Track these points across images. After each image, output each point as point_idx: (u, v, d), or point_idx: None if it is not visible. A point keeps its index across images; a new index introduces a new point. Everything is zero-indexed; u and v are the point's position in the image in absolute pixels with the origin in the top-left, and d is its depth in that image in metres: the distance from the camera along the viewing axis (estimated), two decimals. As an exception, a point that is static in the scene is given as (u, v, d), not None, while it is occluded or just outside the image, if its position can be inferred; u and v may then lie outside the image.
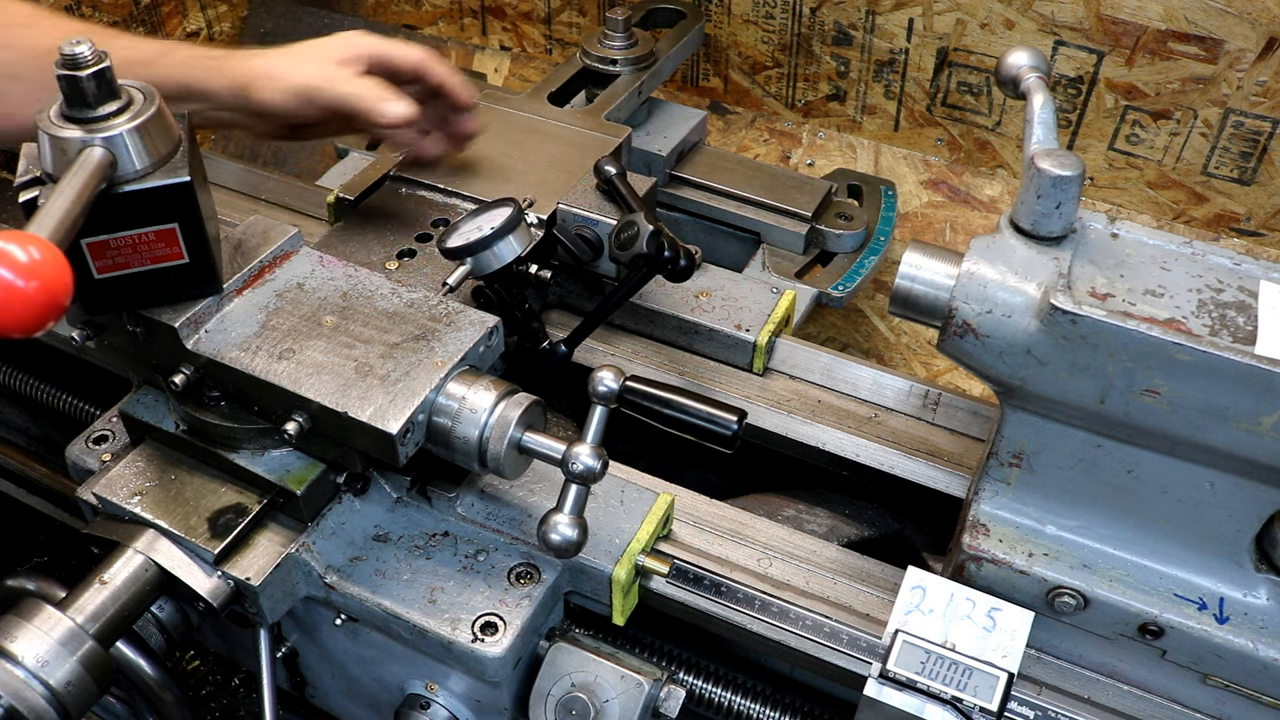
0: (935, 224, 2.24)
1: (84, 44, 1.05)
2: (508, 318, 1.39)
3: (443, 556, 1.28)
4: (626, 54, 1.96)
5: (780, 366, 1.61)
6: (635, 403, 1.19)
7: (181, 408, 1.26)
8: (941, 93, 2.17)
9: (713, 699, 1.36)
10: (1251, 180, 2.01)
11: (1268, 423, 0.98)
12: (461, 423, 1.17)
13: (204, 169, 1.18)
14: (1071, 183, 1.04)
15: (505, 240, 1.37)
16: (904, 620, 1.17)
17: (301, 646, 1.43)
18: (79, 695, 1.13)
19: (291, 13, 2.71)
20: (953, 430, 1.52)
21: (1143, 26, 1.92)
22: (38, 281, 0.82)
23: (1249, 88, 1.90)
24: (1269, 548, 1.13)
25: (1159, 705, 1.22)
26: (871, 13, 2.13)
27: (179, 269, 1.16)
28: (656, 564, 1.29)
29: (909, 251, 1.12)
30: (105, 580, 1.19)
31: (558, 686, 1.27)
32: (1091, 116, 2.07)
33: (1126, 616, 1.16)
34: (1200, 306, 1.04)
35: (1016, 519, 1.20)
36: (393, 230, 1.57)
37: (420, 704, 1.34)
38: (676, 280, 1.44)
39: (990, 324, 1.05)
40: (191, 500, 1.26)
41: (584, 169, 1.63)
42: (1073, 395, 1.06)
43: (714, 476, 1.69)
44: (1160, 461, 1.09)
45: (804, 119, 2.35)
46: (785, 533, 1.39)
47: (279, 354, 1.20)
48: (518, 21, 2.52)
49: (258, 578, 1.21)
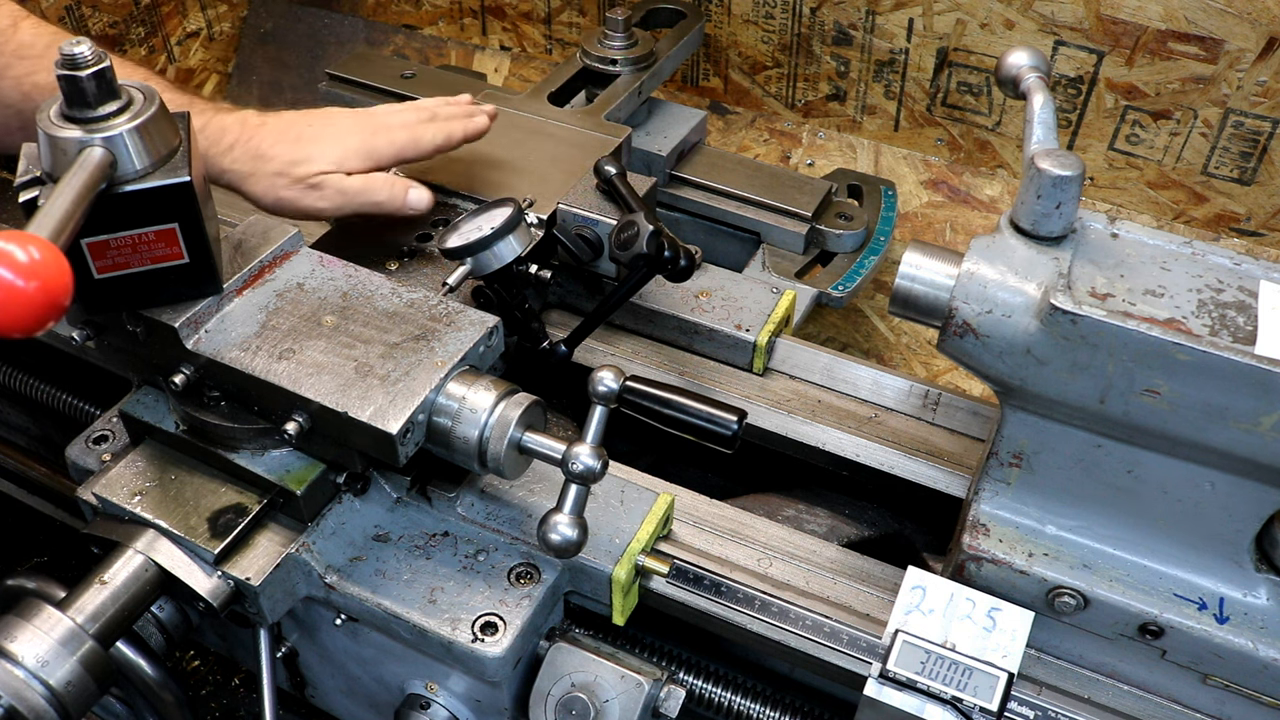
0: (935, 224, 2.24)
1: (84, 44, 1.05)
2: (508, 318, 1.39)
3: (443, 556, 1.28)
4: (626, 54, 1.96)
5: (780, 366, 1.61)
6: (635, 403, 1.19)
7: (181, 408, 1.26)
8: (941, 93, 2.17)
9: (713, 699, 1.36)
10: (1251, 180, 2.01)
11: (1268, 423, 0.98)
12: (461, 423, 1.17)
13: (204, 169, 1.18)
14: (1071, 183, 1.04)
15: (505, 240, 1.37)
16: (904, 620, 1.17)
17: (301, 646, 1.43)
18: (79, 695, 1.13)
19: (291, 13, 2.71)
20: (953, 430, 1.52)
21: (1143, 26, 1.92)
22: (38, 281, 0.82)
23: (1249, 88, 1.90)
24: (1269, 548, 1.13)
25: (1159, 705, 1.22)
26: (871, 13, 2.13)
27: (179, 269, 1.16)
28: (656, 564, 1.29)
29: (909, 251, 1.12)
30: (105, 580, 1.19)
31: (558, 686, 1.27)
32: (1091, 116, 2.07)
33: (1126, 616, 1.16)
34: (1200, 306, 1.04)
35: (1016, 519, 1.20)
36: (393, 230, 1.57)
37: (420, 704, 1.34)
38: (676, 280, 1.44)
39: (990, 324, 1.05)
40: (191, 500, 1.26)
41: (584, 169, 1.63)
42: (1073, 395, 1.06)
43: (714, 476, 1.69)
44: (1160, 461, 1.09)
45: (804, 119, 2.35)
46: (785, 533, 1.39)
47: (279, 354, 1.20)
48: (518, 21, 2.52)
49: (258, 578, 1.21)
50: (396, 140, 1.48)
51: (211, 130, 1.39)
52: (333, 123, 1.47)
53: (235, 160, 1.40)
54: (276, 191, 1.41)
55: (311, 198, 1.42)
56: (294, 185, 1.41)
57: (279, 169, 1.40)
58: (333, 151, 1.43)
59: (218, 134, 1.39)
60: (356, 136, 1.45)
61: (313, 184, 1.41)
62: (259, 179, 1.40)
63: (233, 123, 1.41)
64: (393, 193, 1.46)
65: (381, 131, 1.48)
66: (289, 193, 1.41)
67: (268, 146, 1.40)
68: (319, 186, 1.41)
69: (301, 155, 1.41)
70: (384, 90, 2.04)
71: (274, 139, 1.41)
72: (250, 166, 1.40)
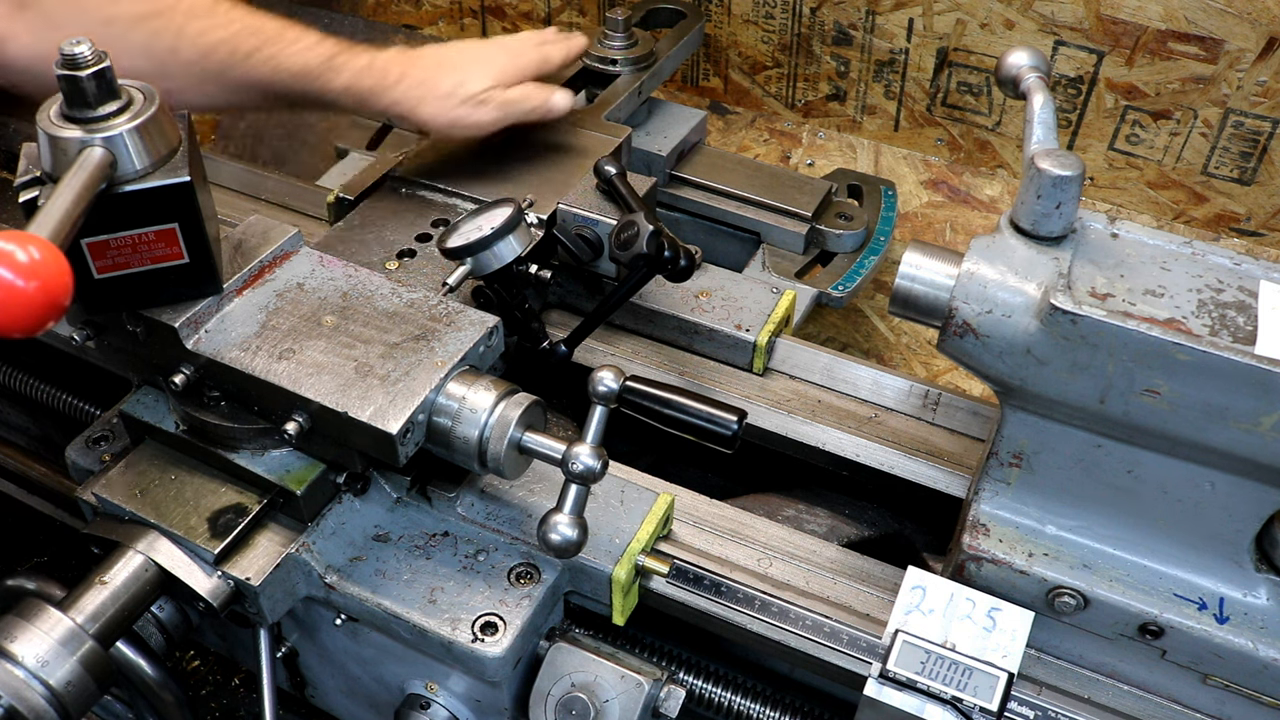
0: (935, 224, 2.24)
1: (84, 44, 1.05)
2: (508, 318, 1.39)
3: (443, 556, 1.28)
4: (626, 54, 1.95)
5: (780, 366, 1.61)
6: (635, 403, 1.19)
7: (181, 408, 1.26)
8: (941, 93, 2.17)
9: (713, 699, 1.36)
10: (1251, 180, 2.01)
11: (1268, 423, 0.98)
12: (461, 423, 1.17)
13: (204, 169, 1.18)
14: (1071, 183, 1.04)
15: (505, 240, 1.37)
16: (904, 620, 1.17)
17: (301, 646, 1.43)
18: (79, 695, 1.13)
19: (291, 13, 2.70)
20: (953, 430, 1.52)
21: (1143, 26, 1.92)
22: (38, 281, 0.82)
23: (1249, 88, 1.90)
24: (1269, 548, 1.13)
25: (1159, 705, 1.22)
26: (871, 13, 2.13)
27: (179, 269, 1.16)
28: (656, 564, 1.29)
29: (909, 251, 1.12)
30: (105, 580, 1.19)
31: (558, 686, 1.27)
32: (1091, 116, 2.07)
33: (1126, 616, 1.16)
34: (1200, 306, 1.04)
35: (1016, 519, 1.20)
36: (393, 230, 1.57)
37: (420, 704, 1.34)
38: (676, 280, 1.44)
39: (990, 324, 1.05)
40: (191, 500, 1.26)
41: (584, 169, 1.63)
42: (1073, 395, 1.06)
43: (714, 476, 1.69)
44: (1160, 461, 1.09)
45: (804, 119, 2.35)
46: (785, 533, 1.39)
47: (279, 354, 1.20)
48: (518, 21, 2.52)
49: (258, 578, 1.21)
50: (533, 58, 1.66)
51: (378, 67, 1.54)
52: (479, 48, 1.66)
53: (405, 90, 1.54)
54: (449, 111, 1.56)
55: (481, 112, 1.57)
56: (463, 104, 1.56)
57: (447, 91, 1.55)
58: (489, 71, 1.59)
59: (383, 70, 1.54)
60: (503, 56, 1.63)
61: (480, 100, 1.56)
62: (430, 102, 1.55)
63: (394, 58, 1.56)
64: (542, 98, 1.64)
65: (519, 52, 1.65)
66: (461, 110, 1.56)
67: (431, 74, 1.56)
68: (486, 102, 1.57)
69: (463, 77, 1.57)
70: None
71: (435, 67, 1.57)
72: (420, 93, 1.54)
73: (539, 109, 1.63)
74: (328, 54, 1.51)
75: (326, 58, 1.50)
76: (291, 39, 1.50)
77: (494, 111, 1.58)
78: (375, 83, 1.53)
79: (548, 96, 1.64)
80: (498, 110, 1.58)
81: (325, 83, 1.50)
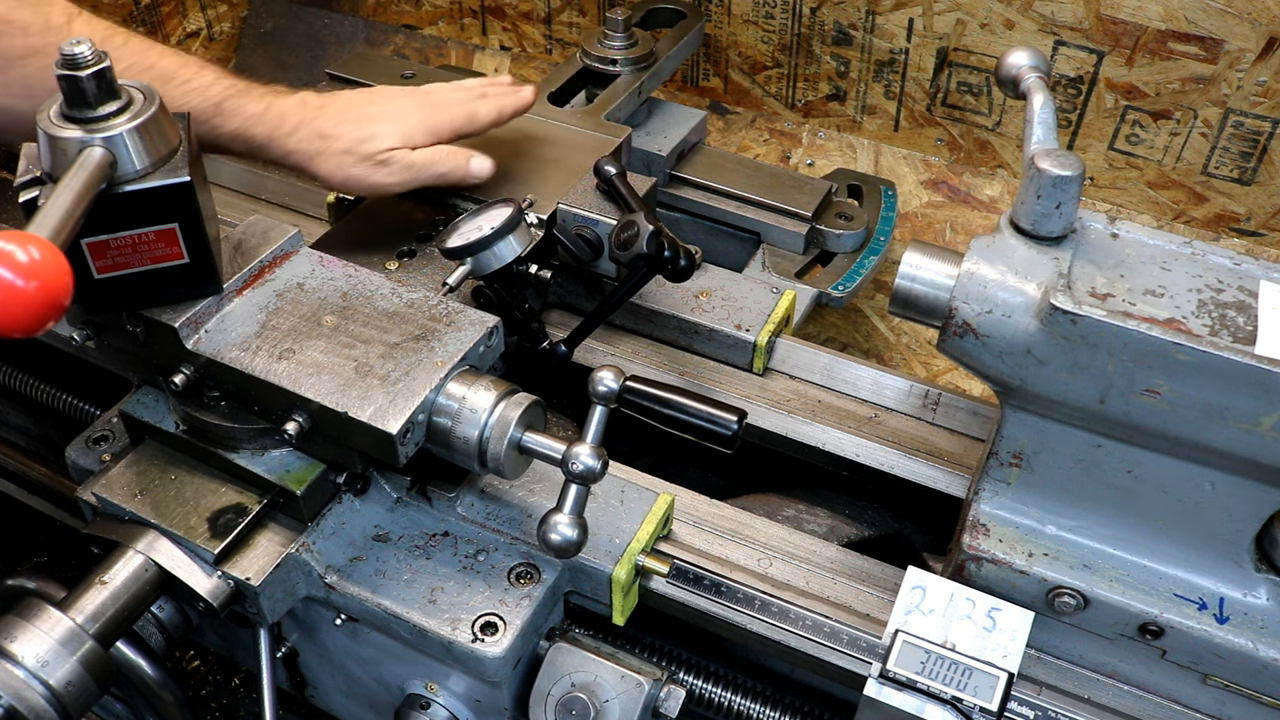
0: (935, 224, 2.24)
1: (84, 44, 1.05)
2: (508, 318, 1.39)
3: (443, 556, 1.28)
4: (626, 54, 1.96)
5: (780, 366, 1.61)
6: (635, 403, 1.19)
7: (181, 408, 1.26)
8: (941, 93, 2.17)
9: (713, 699, 1.36)
10: (1251, 180, 2.01)
11: (1268, 423, 0.98)
12: (461, 423, 1.17)
13: (204, 169, 1.18)
14: (1071, 183, 1.04)
15: (505, 240, 1.37)
16: (904, 620, 1.17)
17: (301, 646, 1.43)
18: (79, 695, 1.13)
19: (291, 13, 2.71)
20: (953, 430, 1.52)
21: (1143, 26, 1.92)
22: (38, 281, 0.82)
23: (1249, 88, 1.90)
24: (1269, 548, 1.13)
25: (1159, 705, 1.22)
26: (871, 13, 2.13)
27: (179, 269, 1.16)
28: (656, 564, 1.29)
29: (909, 251, 1.12)
30: (105, 580, 1.19)
31: (558, 686, 1.27)
32: (1091, 116, 2.07)
33: (1126, 616, 1.16)
34: (1200, 306, 1.04)
35: (1016, 519, 1.20)
36: (393, 230, 1.57)
37: (420, 704, 1.34)
38: (676, 280, 1.44)
39: (990, 324, 1.05)
40: (191, 500, 1.26)
41: (584, 169, 1.63)
42: (1073, 395, 1.06)
43: (714, 476, 1.69)
44: (1160, 461, 1.09)
45: (804, 119, 2.35)
46: (785, 533, 1.39)
47: (279, 354, 1.20)
48: (518, 21, 2.52)
49: (258, 578, 1.21)
50: (456, 116, 1.53)
51: (273, 114, 1.43)
52: (394, 101, 1.52)
53: (301, 141, 1.44)
54: (345, 169, 1.45)
55: (380, 173, 1.46)
56: (362, 162, 1.45)
57: (346, 147, 1.44)
58: (397, 128, 1.47)
59: (279, 118, 1.43)
60: (418, 113, 1.50)
61: (380, 160, 1.45)
62: (326, 158, 1.44)
63: (293, 105, 1.45)
64: (456, 163, 1.52)
65: (441, 108, 1.52)
66: (357, 169, 1.45)
67: (332, 126, 1.44)
68: (387, 162, 1.46)
69: (367, 133, 1.45)
70: (384, 90, 2.04)
71: (338, 119, 1.45)
72: (317, 146, 1.44)
73: (451, 175, 1.51)
74: (218, 97, 1.39)
75: (216, 101, 1.39)
76: (182, 79, 1.37)
77: (397, 174, 1.47)
78: (270, 131, 1.42)
79: (461, 162, 1.52)
80: (402, 173, 1.47)
81: (213, 127, 1.40)
